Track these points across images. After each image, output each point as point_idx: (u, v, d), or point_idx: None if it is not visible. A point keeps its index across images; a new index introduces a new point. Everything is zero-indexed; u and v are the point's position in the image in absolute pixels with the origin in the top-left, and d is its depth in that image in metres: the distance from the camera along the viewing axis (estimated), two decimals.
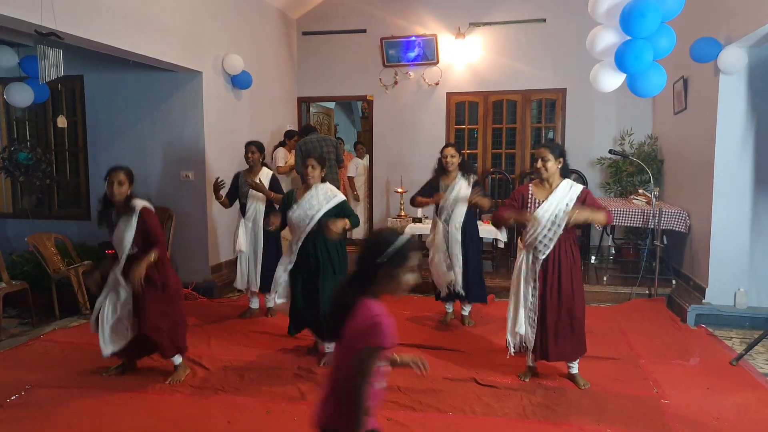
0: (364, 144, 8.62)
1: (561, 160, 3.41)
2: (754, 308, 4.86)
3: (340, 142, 7.79)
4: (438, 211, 4.64)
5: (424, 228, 5.81)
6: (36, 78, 5.02)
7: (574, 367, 3.64)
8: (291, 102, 7.99)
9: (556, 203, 3.34)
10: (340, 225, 3.75)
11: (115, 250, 3.61)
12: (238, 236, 4.94)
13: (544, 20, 7.24)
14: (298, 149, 6.29)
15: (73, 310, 5.18)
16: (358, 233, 8.24)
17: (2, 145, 6.35)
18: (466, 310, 4.88)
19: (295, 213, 3.85)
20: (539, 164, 3.39)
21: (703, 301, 4.97)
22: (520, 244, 3.56)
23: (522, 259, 3.51)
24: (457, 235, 4.50)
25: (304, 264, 3.88)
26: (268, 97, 7.21)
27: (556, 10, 7.17)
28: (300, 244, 3.87)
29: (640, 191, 6.18)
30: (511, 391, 3.51)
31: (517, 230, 7.01)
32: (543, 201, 3.38)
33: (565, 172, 3.46)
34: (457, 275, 4.52)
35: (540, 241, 3.36)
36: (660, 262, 5.47)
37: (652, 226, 5.47)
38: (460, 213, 4.49)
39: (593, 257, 6.80)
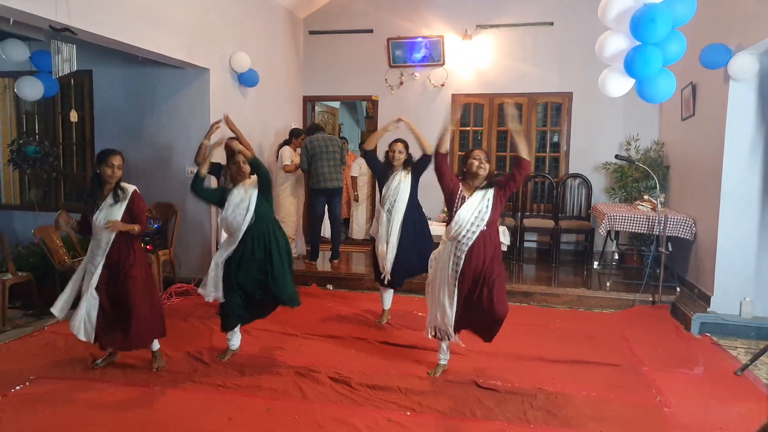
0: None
1: (489, 164, 3.61)
2: (760, 318, 4.83)
3: (345, 142, 7.78)
4: (381, 200, 4.66)
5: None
6: (46, 72, 5.07)
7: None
8: (296, 100, 8.00)
9: (479, 200, 3.50)
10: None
11: (92, 231, 3.69)
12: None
13: (552, 23, 7.23)
14: (303, 148, 6.30)
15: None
16: (359, 233, 8.25)
17: (11, 137, 6.39)
18: (386, 304, 4.92)
19: (227, 212, 3.86)
20: (479, 164, 3.54)
21: (708, 309, 4.94)
22: (444, 236, 3.67)
23: (444, 251, 3.61)
24: (397, 224, 4.52)
25: (248, 253, 3.84)
26: (274, 95, 7.22)
27: (564, 14, 7.16)
28: (240, 238, 3.84)
29: (646, 197, 6.15)
30: (513, 395, 3.50)
31: (520, 235, 7.03)
32: (468, 197, 3.54)
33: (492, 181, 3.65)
34: (388, 262, 4.52)
35: (464, 236, 3.49)
36: (664, 269, 5.44)
37: (657, 233, 5.45)
38: (402, 202, 4.52)
39: (596, 262, 6.78)
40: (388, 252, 4.53)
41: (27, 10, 3.64)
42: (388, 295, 4.91)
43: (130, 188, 3.72)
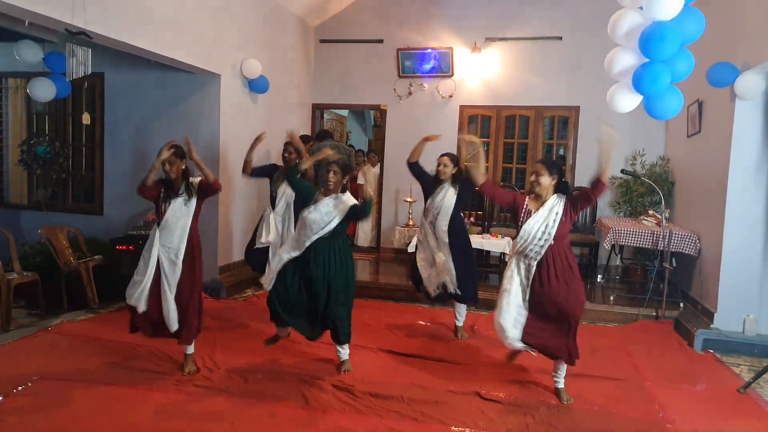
0: (377, 152, 8.67)
1: (555, 177, 3.54)
2: (764, 336, 4.82)
3: (353, 149, 7.83)
4: (424, 213, 4.67)
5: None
6: (59, 73, 5.13)
7: (560, 382, 3.67)
8: (306, 108, 8.05)
9: (546, 214, 3.47)
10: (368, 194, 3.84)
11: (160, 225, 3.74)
12: (263, 229, 5.04)
13: (561, 38, 7.27)
14: (311, 154, 6.33)
15: (81, 303, 5.22)
16: (365, 241, 8.28)
17: (22, 137, 6.45)
18: (460, 320, 4.86)
19: (311, 214, 3.80)
20: (533, 178, 3.56)
21: (712, 326, 4.94)
22: (510, 252, 3.66)
23: (513, 265, 3.60)
24: (444, 237, 4.52)
25: (310, 262, 3.81)
26: (284, 102, 7.27)
27: (573, 29, 7.20)
28: (308, 244, 3.81)
29: (651, 212, 6.16)
30: (515, 407, 3.50)
31: None
32: (534, 212, 3.52)
33: (564, 190, 3.59)
34: (451, 272, 4.50)
35: (531, 249, 3.47)
36: (668, 285, 5.44)
37: (661, 248, 5.46)
38: (445, 215, 4.52)
39: (600, 276, 6.78)
40: (446, 265, 4.50)
41: (44, 12, 3.71)
42: (460, 308, 4.84)
43: (196, 181, 3.83)
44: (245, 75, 6.13)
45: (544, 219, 3.46)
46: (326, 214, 3.79)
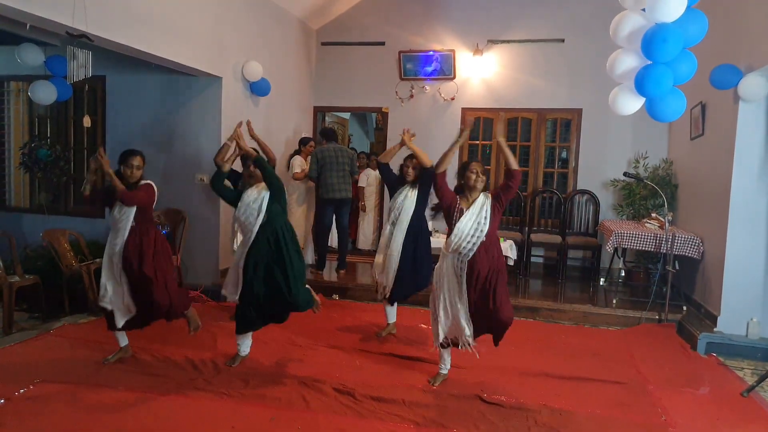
0: (378, 155, 8.64)
1: (484, 177, 3.68)
2: (767, 339, 4.79)
3: (355, 152, 7.81)
4: (388, 213, 4.69)
5: (435, 241, 5.79)
6: (60, 76, 5.13)
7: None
8: (307, 111, 8.05)
9: (478, 212, 3.56)
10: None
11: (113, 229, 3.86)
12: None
13: (563, 40, 7.26)
14: (314, 156, 6.33)
15: (83, 306, 5.22)
16: (366, 244, 8.26)
17: (23, 141, 6.46)
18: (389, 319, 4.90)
19: (240, 210, 3.88)
20: (476, 177, 3.60)
21: (715, 329, 4.91)
22: (443, 249, 3.71)
23: (445, 265, 3.64)
24: (399, 237, 4.51)
25: (261, 255, 3.85)
26: (285, 104, 7.28)
27: (575, 31, 7.19)
28: (253, 239, 3.85)
29: (653, 215, 6.14)
30: (517, 411, 3.49)
31: (527, 250, 7.02)
32: (466, 209, 3.59)
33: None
34: (387, 275, 4.53)
35: (464, 247, 3.53)
36: (671, 288, 5.42)
37: (664, 251, 5.43)
38: (406, 215, 4.52)
39: (603, 279, 6.75)
40: (388, 265, 4.52)
41: (45, 15, 3.71)
42: (391, 309, 4.88)
43: (144, 181, 3.91)
44: (246, 78, 6.14)
45: (476, 216, 3.54)
46: (253, 201, 3.88)
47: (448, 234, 3.64)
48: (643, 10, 3.20)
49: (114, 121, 6.20)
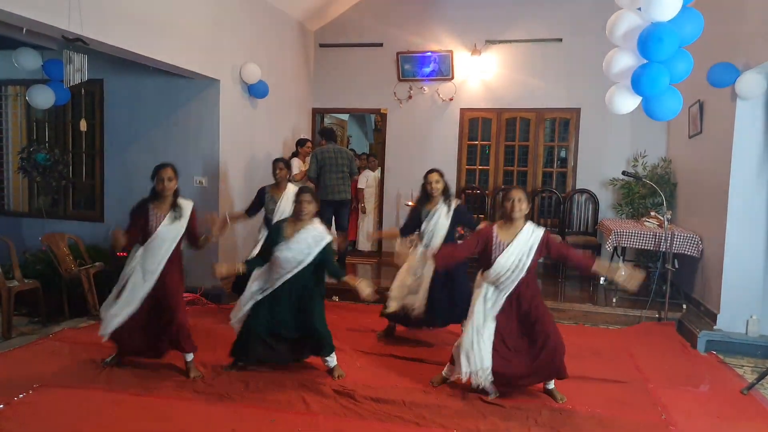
0: (377, 156, 8.66)
1: (529, 204, 3.52)
2: (767, 336, 4.79)
3: (355, 154, 7.84)
4: (420, 235, 4.58)
5: None
6: (57, 80, 5.13)
7: (550, 383, 3.68)
8: (306, 112, 8.06)
9: (521, 246, 3.41)
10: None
11: (145, 243, 3.78)
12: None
13: (561, 40, 7.27)
14: (313, 156, 6.34)
15: (82, 310, 5.22)
16: (365, 245, 8.26)
17: (21, 145, 6.45)
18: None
19: (283, 254, 3.73)
20: (514, 204, 3.43)
21: (714, 327, 4.91)
22: (479, 278, 3.60)
23: (483, 293, 3.53)
24: (431, 266, 4.41)
25: (282, 297, 3.80)
26: (284, 107, 7.28)
27: (573, 31, 7.20)
28: (282, 282, 3.78)
29: (652, 213, 6.14)
30: (517, 411, 3.48)
31: None
32: (508, 244, 3.44)
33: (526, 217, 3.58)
34: (420, 298, 4.43)
35: (502, 282, 3.45)
36: (670, 286, 5.42)
37: (663, 249, 5.43)
38: (439, 238, 4.43)
39: (602, 278, 6.75)
40: (422, 287, 4.43)
41: (40, 19, 3.71)
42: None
43: (188, 205, 3.88)
44: (245, 80, 6.14)
45: (519, 252, 3.41)
46: (299, 252, 3.74)
47: (484, 268, 3.52)
48: (639, 9, 3.20)
49: (112, 124, 6.20)
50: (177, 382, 3.77)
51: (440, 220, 4.46)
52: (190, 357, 3.90)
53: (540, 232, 3.48)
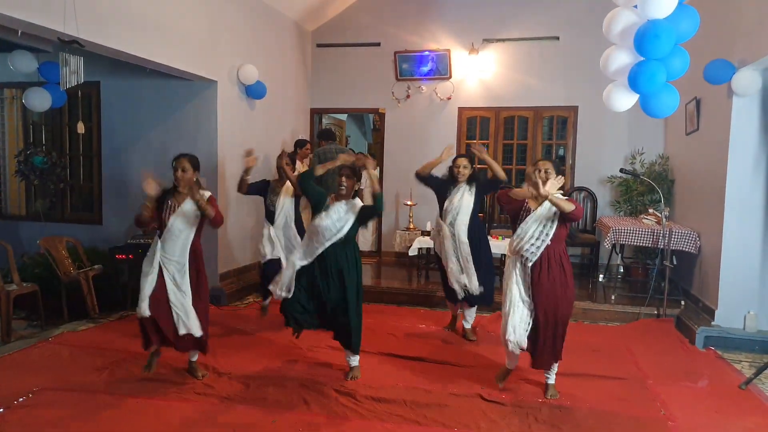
0: (376, 156, 8.67)
1: (561, 177, 3.58)
2: (764, 332, 4.81)
3: (353, 152, 7.84)
4: (442, 215, 4.67)
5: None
6: (54, 83, 5.13)
7: (551, 378, 3.71)
8: (304, 113, 8.06)
9: (546, 211, 3.49)
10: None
11: (162, 231, 3.72)
12: (265, 244, 5.02)
13: (558, 38, 7.28)
14: (316, 156, 6.35)
15: (81, 313, 5.21)
16: (365, 245, 8.26)
17: (18, 148, 6.45)
18: (468, 323, 4.85)
19: (324, 221, 3.74)
20: (541, 174, 3.52)
21: (713, 323, 4.92)
22: (507, 251, 3.69)
23: (511, 265, 3.61)
24: (463, 236, 4.54)
25: (322, 269, 3.77)
26: (282, 107, 7.28)
27: (570, 29, 7.21)
28: (321, 251, 3.76)
29: (650, 210, 6.16)
30: (518, 409, 3.49)
31: None
32: (534, 209, 3.54)
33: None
34: (471, 276, 4.53)
35: (527, 249, 3.48)
36: (669, 283, 5.43)
37: (661, 246, 5.45)
38: (465, 215, 4.55)
39: (601, 275, 6.77)
40: (466, 267, 4.53)
41: (35, 21, 3.70)
42: (469, 312, 4.85)
43: (206, 194, 3.76)
44: (242, 81, 6.14)
45: (543, 217, 3.47)
46: (338, 220, 3.75)
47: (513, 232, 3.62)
48: (635, 6, 3.21)
49: (110, 126, 6.20)
50: (177, 384, 3.77)
51: (464, 196, 4.56)
52: (194, 357, 3.91)
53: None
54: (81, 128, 4.99)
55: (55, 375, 3.90)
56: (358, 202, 3.85)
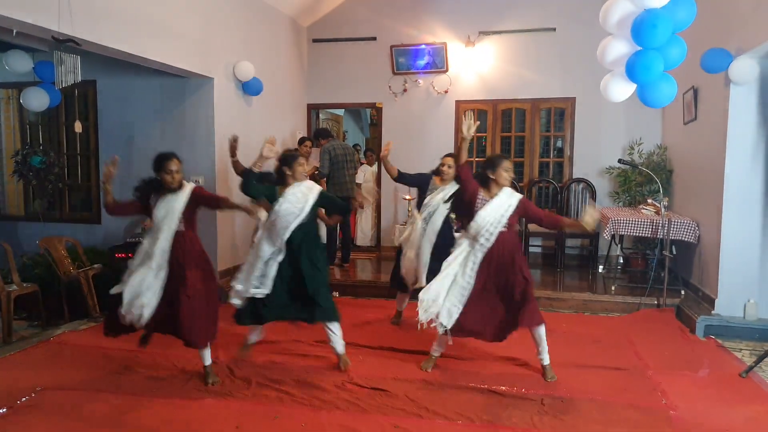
0: (374, 151, 8.66)
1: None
2: (764, 320, 4.82)
3: (358, 147, 7.93)
4: (420, 208, 4.67)
5: None
6: (50, 82, 5.11)
7: (545, 358, 3.83)
8: (301, 108, 8.04)
9: (499, 205, 3.69)
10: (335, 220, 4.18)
11: (153, 228, 3.70)
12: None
13: (554, 29, 7.25)
14: (326, 153, 6.37)
15: (82, 313, 5.22)
16: (364, 240, 8.27)
17: (16, 148, 6.43)
18: (401, 307, 5.00)
19: (283, 206, 3.75)
20: (512, 174, 3.80)
21: (713, 312, 4.94)
22: (461, 233, 3.86)
23: (463, 246, 3.77)
24: (432, 236, 4.54)
25: (290, 256, 3.81)
26: (279, 103, 7.26)
27: (567, 20, 7.18)
28: (287, 236, 3.77)
29: (649, 201, 6.16)
30: (519, 400, 3.50)
31: (525, 240, 7.03)
32: (488, 202, 3.71)
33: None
34: (421, 274, 4.52)
35: (482, 236, 3.67)
36: (669, 273, 5.44)
37: (661, 236, 5.45)
38: (441, 214, 4.55)
39: (601, 266, 6.78)
40: (420, 259, 4.54)
41: (30, 21, 3.68)
42: (406, 299, 4.96)
43: (189, 185, 3.74)
44: (238, 77, 6.12)
45: (497, 210, 3.67)
46: (297, 201, 3.79)
47: (464, 223, 3.77)
48: None
49: (106, 125, 6.19)
50: (180, 382, 3.78)
51: (446, 196, 4.53)
52: (207, 361, 3.80)
53: (517, 197, 3.76)
54: (78, 127, 4.99)
55: (57, 375, 3.90)
56: (316, 187, 3.93)
